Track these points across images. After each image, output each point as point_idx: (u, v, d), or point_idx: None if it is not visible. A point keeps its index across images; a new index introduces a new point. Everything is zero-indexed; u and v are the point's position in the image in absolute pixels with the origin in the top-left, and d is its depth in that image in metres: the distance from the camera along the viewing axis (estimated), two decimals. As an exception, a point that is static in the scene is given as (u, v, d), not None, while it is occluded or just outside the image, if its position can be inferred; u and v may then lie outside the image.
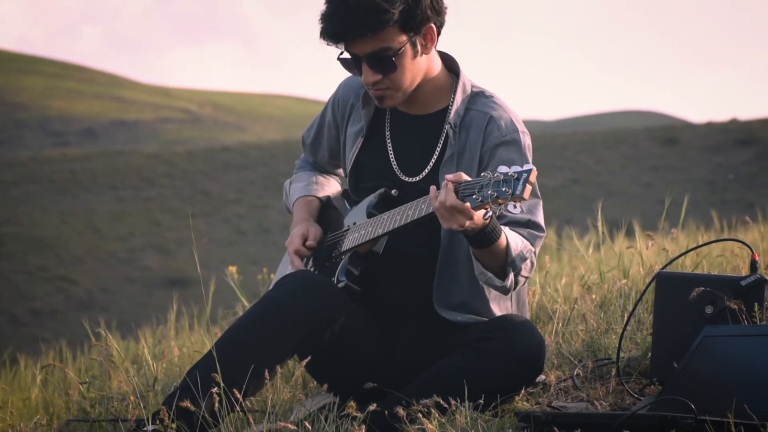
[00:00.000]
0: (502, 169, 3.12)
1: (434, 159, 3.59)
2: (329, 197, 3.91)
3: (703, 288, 3.43)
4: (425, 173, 3.60)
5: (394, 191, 3.62)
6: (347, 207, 3.79)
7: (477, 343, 3.45)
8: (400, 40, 3.46)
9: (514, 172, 3.11)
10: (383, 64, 3.46)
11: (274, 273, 4.09)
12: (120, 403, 4.16)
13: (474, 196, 3.15)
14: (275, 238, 37.29)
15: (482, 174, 3.17)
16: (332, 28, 3.44)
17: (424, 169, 3.60)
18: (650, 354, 3.59)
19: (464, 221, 3.20)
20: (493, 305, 3.60)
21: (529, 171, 3.11)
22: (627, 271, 4.98)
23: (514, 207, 3.16)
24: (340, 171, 3.93)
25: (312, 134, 3.91)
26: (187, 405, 3.27)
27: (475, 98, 3.60)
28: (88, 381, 4.27)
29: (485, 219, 3.26)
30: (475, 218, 3.22)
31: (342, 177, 3.92)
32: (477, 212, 3.20)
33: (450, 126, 3.56)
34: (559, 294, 4.74)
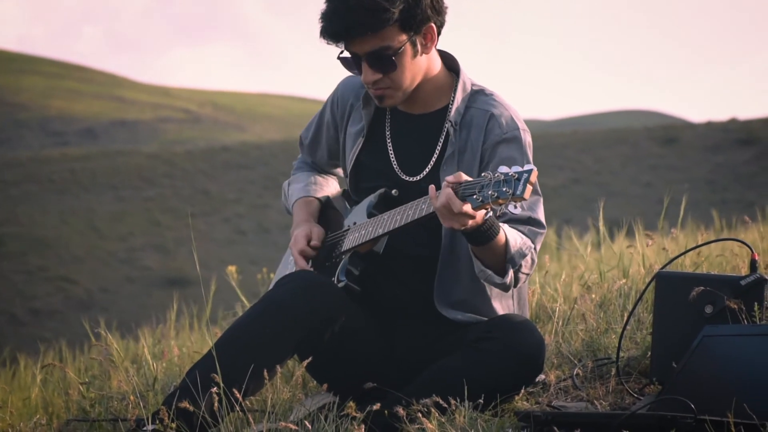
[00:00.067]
0: (503, 170, 3.12)
1: (435, 158, 3.59)
2: (329, 198, 3.90)
3: (703, 287, 3.43)
4: (426, 172, 3.59)
5: (395, 191, 3.62)
6: (347, 207, 3.79)
7: (477, 343, 3.45)
8: (400, 40, 3.45)
9: (515, 173, 3.10)
10: (383, 64, 3.46)
11: (274, 273, 4.09)
12: (120, 403, 4.16)
13: (475, 197, 3.15)
14: (275, 238, 37.29)
15: (483, 174, 3.17)
16: (332, 27, 3.44)
17: (425, 169, 3.60)
18: (650, 354, 3.59)
19: (466, 221, 3.21)
20: (495, 303, 3.59)
21: (530, 171, 3.10)
22: (627, 271, 4.98)
23: (515, 207, 3.15)
24: (339, 171, 3.92)
25: (310, 134, 3.90)
26: (187, 405, 3.27)
27: (476, 96, 3.60)
28: (88, 381, 4.26)
29: (485, 217, 3.26)
30: (477, 218, 3.23)
31: (341, 177, 3.92)
32: (478, 212, 3.20)
33: (450, 124, 3.55)
34: (559, 293, 4.74)
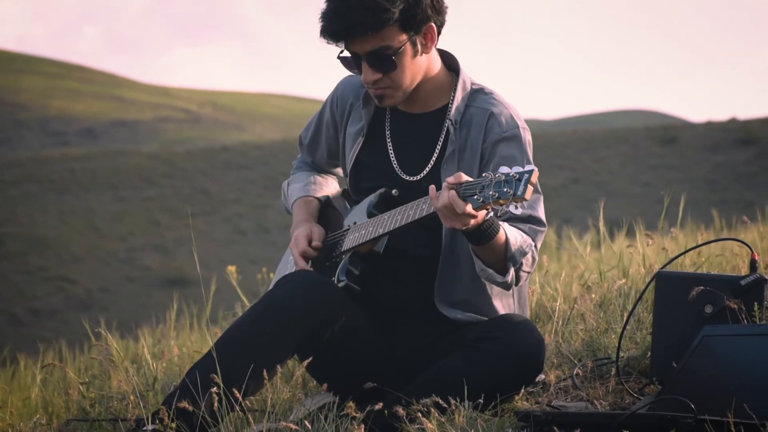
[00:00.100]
0: (504, 170, 3.12)
1: (435, 157, 3.58)
2: (329, 197, 3.90)
3: (703, 287, 3.43)
4: (426, 171, 3.59)
5: (395, 191, 3.61)
6: (347, 207, 3.78)
7: (477, 343, 3.45)
8: (401, 39, 3.45)
9: (516, 173, 3.10)
10: (383, 63, 3.46)
11: (274, 272, 4.08)
12: (120, 403, 4.16)
13: (475, 197, 3.15)
14: (275, 238, 37.29)
15: (483, 174, 3.17)
16: (332, 27, 3.44)
17: (425, 168, 3.59)
18: (650, 353, 3.59)
19: (468, 220, 3.21)
20: (496, 302, 3.59)
21: (531, 172, 3.10)
22: (626, 271, 4.97)
23: (516, 208, 3.15)
24: (339, 170, 3.92)
25: (310, 134, 3.90)
26: (187, 405, 3.27)
27: (475, 95, 3.60)
28: (88, 380, 4.26)
29: (486, 218, 3.26)
30: (479, 218, 3.23)
31: (340, 176, 3.91)
32: (479, 212, 3.20)
33: (450, 122, 3.55)
34: (559, 293, 4.74)
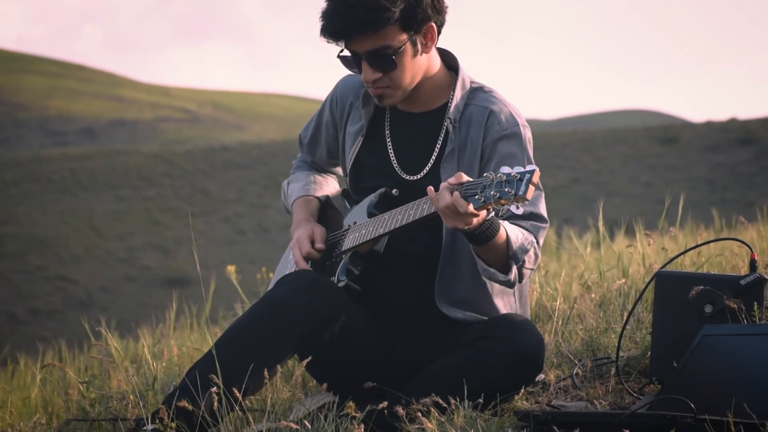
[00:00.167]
0: (505, 170, 3.11)
1: (435, 155, 3.58)
2: (328, 197, 3.89)
3: (703, 287, 3.43)
4: (426, 170, 3.59)
5: (395, 191, 3.61)
6: (347, 207, 3.78)
7: (476, 343, 3.45)
8: (401, 39, 3.45)
9: (517, 173, 3.10)
10: (383, 63, 3.45)
11: (274, 272, 4.08)
12: (119, 403, 4.15)
13: (476, 197, 3.15)
14: (274, 238, 37.30)
15: (485, 174, 3.17)
16: (333, 26, 3.44)
17: (425, 167, 3.59)
18: (650, 353, 3.59)
19: (471, 220, 3.21)
20: (497, 300, 3.59)
21: (532, 171, 3.10)
22: (626, 270, 4.97)
23: (517, 208, 3.15)
24: (339, 170, 3.92)
25: (309, 133, 3.89)
26: (186, 404, 3.26)
27: (475, 93, 3.60)
28: (88, 380, 4.26)
29: (486, 218, 3.26)
30: (480, 217, 3.23)
31: (340, 176, 3.91)
32: (481, 212, 3.19)
33: (450, 121, 3.55)
34: (559, 293, 4.74)
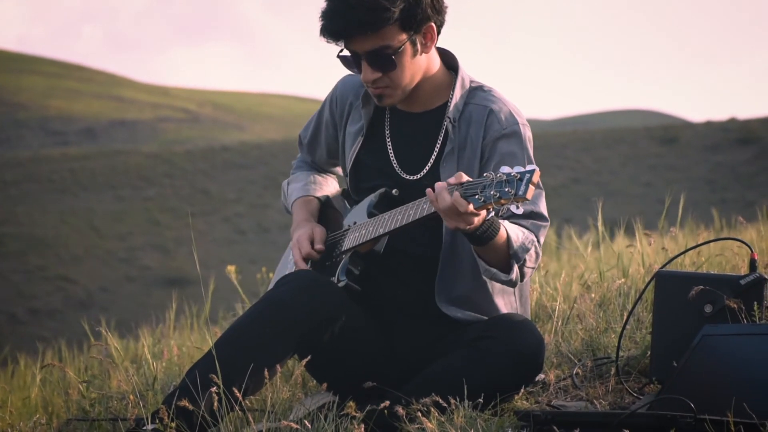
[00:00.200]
0: (505, 170, 3.11)
1: (435, 155, 3.58)
2: (328, 197, 3.89)
3: (703, 287, 3.43)
4: (426, 170, 3.59)
5: (395, 191, 3.61)
6: (347, 206, 3.78)
7: (476, 342, 3.45)
8: (400, 39, 3.45)
9: (518, 173, 3.09)
10: (383, 63, 3.45)
11: (274, 272, 4.08)
12: (119, 403, 4.15)
13: (477, 197, 3.15)
14: (274, 238, 37.31)
15: (485, 174, 3.17)
16: (332, 26, 3.44)
17: (425, 167, 3.59)
18: (649, 353, 3.59)
19: (472, 219, 3.21)
20: (497, 299, 3.59)
21: (532, 171, 3.10)
22: (626, 270, 4.97)
23: (517, 207, 3.15)
24: (339, 170, 3.92)
25: (309, 133, 3.89)
26: (187, 404, 3.26)
27: (474, 92, 3.60)
28: (88, 380, 4.25)
29: (486, 218, 3.26)
30: (480, 217, 3.23)
31: (340, 176, 3.91)
32: (482, 212, 3.19)
33: (449, 120, 3.55)
34: (559, 293, 4.74)
